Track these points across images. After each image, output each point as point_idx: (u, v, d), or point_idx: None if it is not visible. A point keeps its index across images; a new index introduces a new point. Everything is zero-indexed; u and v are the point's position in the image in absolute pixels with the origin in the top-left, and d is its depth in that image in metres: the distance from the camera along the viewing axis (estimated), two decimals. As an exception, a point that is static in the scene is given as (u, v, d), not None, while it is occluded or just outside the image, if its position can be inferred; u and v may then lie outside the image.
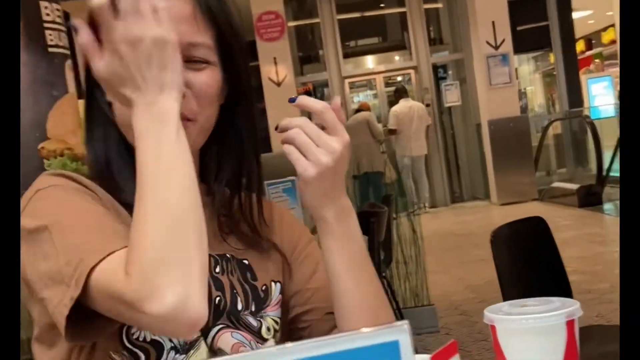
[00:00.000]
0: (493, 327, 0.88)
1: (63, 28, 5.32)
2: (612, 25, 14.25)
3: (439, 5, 12.55)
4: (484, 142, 10.76)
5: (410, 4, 11.71)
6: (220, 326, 1.04)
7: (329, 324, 1.15)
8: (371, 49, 13.11)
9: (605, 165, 9.37)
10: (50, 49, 5.15)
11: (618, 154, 9.80)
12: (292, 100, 1.02)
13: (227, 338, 1.03)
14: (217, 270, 1.06)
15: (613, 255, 6.46)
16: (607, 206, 9.09)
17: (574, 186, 9.52)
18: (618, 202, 9.30)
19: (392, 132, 10.60)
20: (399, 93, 10.95)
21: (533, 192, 10.37)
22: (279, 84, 10.17)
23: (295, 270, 1.18)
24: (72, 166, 5.31)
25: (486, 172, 10.92)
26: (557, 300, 0.89)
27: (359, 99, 12.64)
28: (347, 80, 11.94)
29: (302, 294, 1.17)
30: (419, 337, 4.51)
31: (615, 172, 10.19)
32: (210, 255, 1.02)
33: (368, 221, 3.62)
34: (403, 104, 10.62)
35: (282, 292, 1.15)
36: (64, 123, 5.16)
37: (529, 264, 2.51)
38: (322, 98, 12.06)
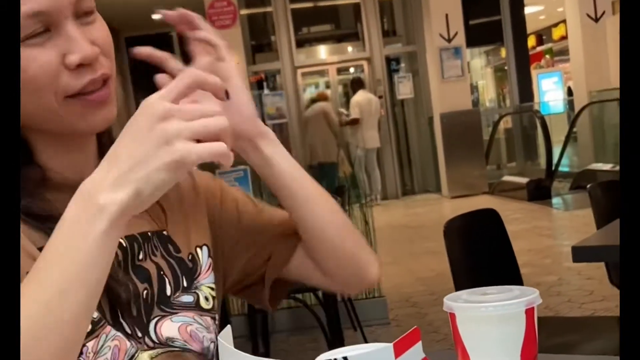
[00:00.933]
0: (452, 315, 0.85)
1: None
2: (563, 21, 14.47)
3: (393, -4, 12.59)
4: (436, 135, 10.85)
5: (364, -6, 11.73)
6: (156, 318, 0.99)
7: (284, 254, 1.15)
8: (324, 39, 13.09)
9: (555, 160, 9.50)
10: None
11: (567, 149, 9.98)
12: None
13: (168, 325, 0.99)
14: (140, 257, 1.01)
15: (561, 248, 6.54)
16: (556, 200, 9.23)
17: (523, 180, 9.65)
18: (566, 197, 9.47)
19: (354, 121, 10.60)
20: (357, 84, 10.98)
21: (484, 185, 10.49)
22: (230, 73, 10.07)
23: (223, 221, 1.15)
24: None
25: (437, 165, 11.01)
26: (516, 289, 0.86)
27: (312, 90, 12.62)
28: (299, 70, 11.89)
29: (241, 241, 1.15)
30: (370, 328, 4.51)
31: (564, 167, 10.36)
32: (132, 238, 1.00)
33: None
34: (362, 95, 10.65)
35: (210, 254, 1.10)
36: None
37: (481, 255, 2.50)
38: (274, 86, 12.00)
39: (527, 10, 13.27)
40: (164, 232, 1.06)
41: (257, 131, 1.05)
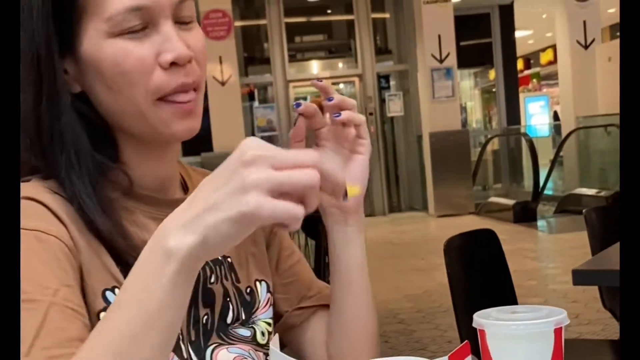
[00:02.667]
0: (482, 332, 0.88)
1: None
2: (551, 47, 14.63)
3: (387, 15, 12.67)
4: (424, 154, 10.91)
5: (358, 11, 11.80)
6: (214, 345, 0.98)
7: (295, 320, 1.14)
8: (317, 54, 13.16)
9: (541, 182, 9.59)
10: None
11: (552, 172, 10.07)
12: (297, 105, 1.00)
13: (225, 355, 0.98)
14: (212, 279, 1.00)
15: (546, 271, 6.61)
16: (541, 223, 9.31)
17: (510, 202, 9.72)
18: (551, 219, 9.55)
19: None
20: None
21: (470, 205, 10.55)
22: (223, 84, 10.10)
23: (274, 252, 1.15)
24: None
25: (425, 184, 11.08)
26: (545, 309, 0.90)
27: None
28: (291, 84, 11.93)
29: (280, 279, 1.14)
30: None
31: (549, 191, 10.46)
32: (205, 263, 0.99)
33: (316, 226, 3.61)
34: None
35: (270, 289, 1.10)
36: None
37: (478, 273, 2.54)
38: (265, 98, 12.03)
39: (517, 34, 13.42)
40: (229, 259, 1.05)
41: (355, 209, 1.03)
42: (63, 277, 0.82)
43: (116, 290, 0.87)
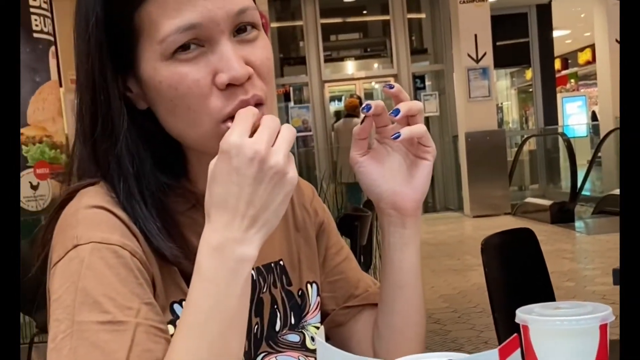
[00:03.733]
0: (525, 327, 0.87)
1: (48, 14, 5.26)
2: (589, 46, 14.44)
3: (422, 15, 12.62)
4: (460, 154, 10.84)
5: (393, 11, 11.77)
6: (263, 354, 0.99)
7: (342, 319, 1.13)
8: (352, 53, 13.16)
9: (579, 183, 9.48)
10: (35, 35, 5.10)
11: (590, 173, 9.94)
12: (367, 109, 0.96)
13: None
14: (264, 289, 1.01)
15: (584, 272, 6.53)
16: (579, 224, 9.19)
17: (547, 202, 9.61)
18: (589, 220, 9.43)
19: None
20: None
21: (506, 206, 10.46)
22: (259, 84, 10.12)
23: (322, 250, 1.13)
24: (50, 154, 5.25)
25: (460, 184, 11.01)
26: (589, 305, 0.89)
27: (335, 104, 12.64)
28: (326, 84, 11.95)
29: (326, 277, 1.13)
30: (393, 343, 4.51)
31: (586, 191, 10.32)
32: (258, 271, 1.00)
33: (352, 224, 3.62)
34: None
35: (319, 292, 1.09)
36: (44, 110, 5.10)
37: (517, 272, 2.52)
38: (300, 99, 12.05)
39: (555, 33, 13.28)
40: (281, 262, 1.05)
41: (413, 212, 1.01)
42: (142, 294, 0.82)
43: (183, 303, 0.86)
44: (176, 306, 0.88)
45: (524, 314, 0.88)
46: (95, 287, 0.80)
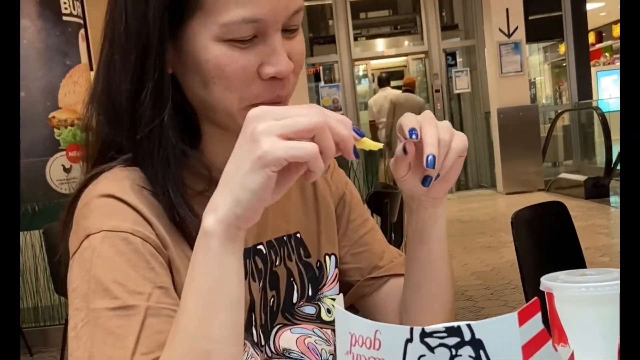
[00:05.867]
0: (550, 295, 0.86)
1: (78, -4, 5.29)
2: (625, 19, 14.17)
3: (453, -10, 12.50)
4: (492, 130, 10.75)
5: (424, -13, 11.66)
6: (278, 326, 1.00)
7: (366, 290, 1.13)
8: (382, 30, 13.07)
9: (614, 158, 9.35)
10: (64, 18, 5.13)
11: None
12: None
13: (287, 336, 1.00)
14: (277, 262, 1.01)
15: (618, 247, 6.45)
16: (614, 199, 9.07)
17: (581, 177, 9.50)
18: (625, 195, 9.29)
19: None
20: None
21: (539, 182, 10.35)
22: (288, 64, 10.12)
23: (343, 222, 1.13)
24: (82, 136, 5.31)
25: (493, 161, 10.91)
26: (614, 271, 0.88)
27: (365, 82, 12.59)
28: (356, 63, 11.89)
29: (349, 249, 1.13)
30: (426, 320, 4.51)
31: (622, 166, 10.16)
32: (270, 244, 1.00)
33: (381, 201, 3.60)
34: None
35: (337, 264, 1.09)
36: (75, 93, 5.14)
37: (548, 246, 2.49)
38: (330, 79, 12.02)
39: (588, 6, 13.04)
40: (298, 235, 1.05)
41: (443, 194, 0.98)
42: (154, 278, 0.83)
43: None
44: None
45: (549, 281, 0.87)
46: (105, 274, 0.82)
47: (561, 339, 0.86)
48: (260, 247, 0.99)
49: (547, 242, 2.49)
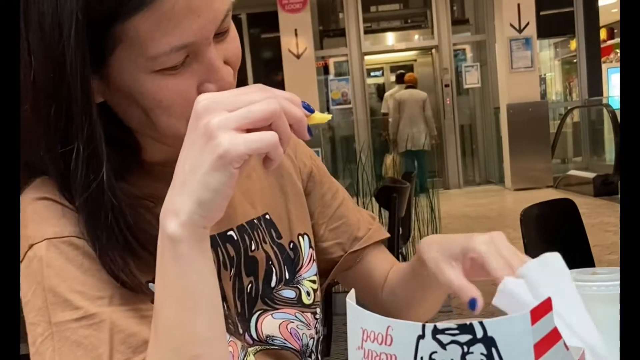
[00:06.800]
0: None
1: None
2: (637, 15, 14.08)
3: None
4: (501, 126, 10.72)
5: (434, -18, 11.63)
6: (258, 312, 0.98)
7: (350, 263, 1.14)
8: (392, 24, 13.04)
9: (623, 155, 9.31)
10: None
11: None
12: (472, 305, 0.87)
13: (269, 322, 0.98)
14: (253, 247, 0.99)
15: (628, 245, 6.42)
16: (623, 197, 9.04)
17: (590, 175, 9.47)
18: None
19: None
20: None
21: (548, 179, 10.33)
22: (298, 57, 10.12)
23: (317, 199, 1.13)
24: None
25: (501, 156, 10.90)
26: None
27: (376, 74, 12.57)
28: (366, 56, 11.87)
29: (327, 225, 1.13)
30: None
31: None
32: (242, 228, 0.98)
33: (389, 196, 3.60)
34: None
35: (311, 244, 1.08)
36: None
37: (557, 244, 2.48)
38: (340, 72, 12.00)
39: (600, 2, 12.97)
40: (267, 216, 1.03)
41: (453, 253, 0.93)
42: (111, 279, 0.80)
43: None
44: (151, 285, 0.82)
45: None
46: (60, 285, 0.78)
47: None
48: (231, 233, 0.96)
49: (555, 240, 2.48)
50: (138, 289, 0.80)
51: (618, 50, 16.73)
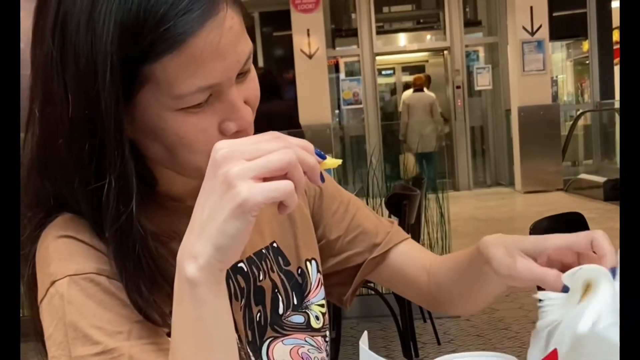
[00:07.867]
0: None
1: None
2: (650, 18, 13.99)
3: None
4: (513, 128, 10.70)
5: (447, -18, 11.61)
6: (269, 340, 1.00)
7: (373, 267, 1.15)
8: (404, 25, 13.03)
9: (634, 160, 9.27)
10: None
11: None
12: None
13: (280, 348, 1.00)
14: (261, 277, 1.01)
15: (637, 251, 6.41)
16: (633, 201, 9.00)
17: (600, 179, 9.44)
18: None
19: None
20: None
21: (558, 181, 10.31)
22: (310, 56, 10.12)
23: (327, 215, 1.14)
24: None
25: (512, 159, 10.88)
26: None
27: (387, 73, 12.56)
28: (378, 56, 11.86)
29: (344, 238, 1.14)
30: (440, 320, 4.53)
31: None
32: (250, 260, 1.00)
33: (400, 203, 3.61)
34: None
35: (319, 268, 1.09)
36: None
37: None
38: (351, 71, 12.00)
39: (613, 4, 12.91)
40: (274, 244, 1.05)
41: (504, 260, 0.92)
42: (129, 314, 0.82)
43: None
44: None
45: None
46: (81, 320, 0.81)
47: None
48: (241, 264, 0.99)
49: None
50: (160, 318, 0.83)
51: (631, 52, 16.62)
